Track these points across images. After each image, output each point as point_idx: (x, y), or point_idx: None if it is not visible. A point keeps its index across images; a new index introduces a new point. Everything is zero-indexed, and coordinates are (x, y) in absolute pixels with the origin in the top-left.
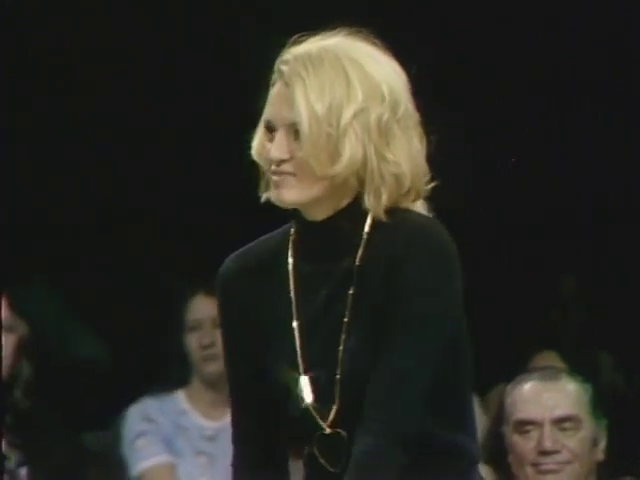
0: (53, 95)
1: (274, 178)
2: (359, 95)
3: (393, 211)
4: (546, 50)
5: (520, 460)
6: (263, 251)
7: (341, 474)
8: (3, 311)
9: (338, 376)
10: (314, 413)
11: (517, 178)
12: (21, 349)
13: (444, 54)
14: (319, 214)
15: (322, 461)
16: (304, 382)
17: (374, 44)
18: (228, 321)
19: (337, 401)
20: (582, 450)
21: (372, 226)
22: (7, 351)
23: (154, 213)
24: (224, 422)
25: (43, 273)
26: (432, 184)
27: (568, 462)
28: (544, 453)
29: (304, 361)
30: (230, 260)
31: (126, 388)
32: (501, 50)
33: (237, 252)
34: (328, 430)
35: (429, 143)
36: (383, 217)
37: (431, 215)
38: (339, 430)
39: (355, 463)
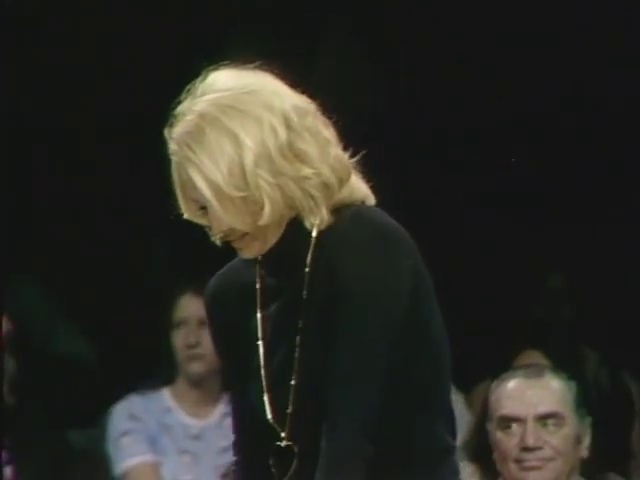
0: (52, 95)
1: (231, 243)
2: (249, 142)
3: (337, 209)
4: (546, 50)
5: (504, 457)
6: (241, 270)
7: None
8: None
9: (293, 382)
10: (276, 427)
11: (507, 176)
12: (5, 346)
13: (444, 54)
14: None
15: (274, 472)
16: (265, 399)
17: (248, 68)
18: (216, 340)
19: (291, 407)
20: (565, 447)
21: (319, 230)
22: None
23: (142, 210)
24: (209, 421)
25: (33, 272)
26: (358, 156)
27: (551, 459)
28: (527, 449)
29: (267, 378)
30: (213, 280)
31: (113, 386)
32: (501, 50)
33: (220, 271)
34: (284, 443)
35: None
36: (329, 221)
37: (367, 191)
38: (292, 444)
39: (325, 458)
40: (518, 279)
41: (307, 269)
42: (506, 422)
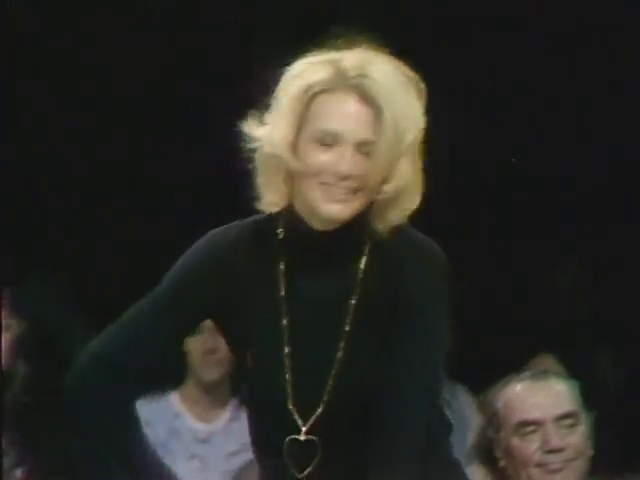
0: (53, 94)
1: (335, 193)
2: (421, 121)
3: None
4: (546, 51)
5: (523, 462)
6: (246, 237)
7: None
8: None
9: (330, 381)
10: (295, 416)
11: (521, 172)
12: (17, 348)
13: (444, 54)
14: (329, 226)
15: (289, 465)
16: (288, 384)
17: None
18: (195, 285)
19: (322, 406)
20: (583, 445)
21: (373, 240)
22: (2, 350)
23: (157, 207)
24: (217, 424)
25: (44, 271)
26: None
27: (573, 459)
28: (551, 452)
29: (290, 363)
30: (223, 234)
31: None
32: (501, 50)
33: (230, 229)
34: (303, 437)
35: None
36: (385, 232)
37: None
38: (312, 437)
39: (388, 455)
40: (532, 279)
41: (360, 275)
42: (524, 427)
